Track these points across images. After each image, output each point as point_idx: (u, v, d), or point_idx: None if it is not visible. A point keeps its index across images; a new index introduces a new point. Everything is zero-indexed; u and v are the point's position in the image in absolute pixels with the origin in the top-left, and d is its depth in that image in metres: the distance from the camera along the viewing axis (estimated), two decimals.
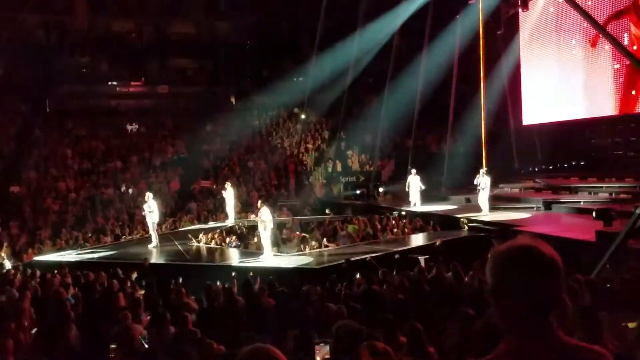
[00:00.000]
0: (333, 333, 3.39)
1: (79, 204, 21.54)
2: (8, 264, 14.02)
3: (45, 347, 6.82)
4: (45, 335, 7.29)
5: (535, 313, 1.48)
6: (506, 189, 20.76)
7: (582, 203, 16.07)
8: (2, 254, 15.20)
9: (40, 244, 17.37)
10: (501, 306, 1.52)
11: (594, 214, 12.57)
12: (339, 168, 25.28)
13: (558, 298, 1.51)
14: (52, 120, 28.50)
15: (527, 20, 22.61)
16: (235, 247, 15.21)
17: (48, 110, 30.62)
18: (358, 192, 22.99)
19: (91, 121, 28.71)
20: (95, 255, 14.36)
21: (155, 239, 15.39)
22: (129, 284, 9.76)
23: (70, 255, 14.78)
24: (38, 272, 11.47)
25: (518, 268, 1.49)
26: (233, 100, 33.05)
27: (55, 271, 11.57)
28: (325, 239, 15.23)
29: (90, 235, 18.50)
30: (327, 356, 4.43)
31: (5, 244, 16.83)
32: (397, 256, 12.12)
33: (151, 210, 15.35)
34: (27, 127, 27.46)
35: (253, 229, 16.06)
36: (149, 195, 15.68)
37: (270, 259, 12.75)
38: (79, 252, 15.56)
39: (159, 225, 16.80)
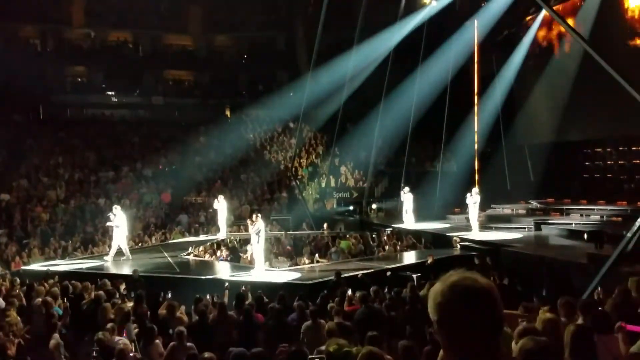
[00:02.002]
0: (325, 351, 3.34)
1: (69, 214, 21.38)
2: None
3: (32, 355, 6.73)
4: (31, 345, 7.19)
5: (481, 339, 1.56)
6: (498, 209, 20.83)
7: (573, 225, 16.14)
8: None
9: (29, 253, 17.17)
10: (449, 337, 1.59)
11: (585, 236, 12.62)
12: (332, 183, 25.28)
13: (500, 323, 1.60)
14: (45, 129, 28.37)
15: (523, 41, 22.89)
16: (226, 260, 15.11)
17: (42, 118, 30.51)
18: (351, 208, 22.98)
19: (84, 131, 28.63)
20: (84, 266, 14.18)
21: (126, 254, 14.73)
22: (117, 295, 9.64)
23: (59, 265, 14.60)
24: (26, 282, 11.33)
25: (456, 302, 1.57)
26: (228, 113, 33.09)
27: (43, 281, 11.42)
28: (317, 255, 15.19)
29: (79, 245, 18.33)
30: None
31: None
32: (388, 273, 12.07)
33: (117, 225, 14.39)
34: (20, 135, 27.31)
35: (245, 242, 15.97)
36: (116, 208, 14.77)
37: (261, 273, 12.66)
38: (68, 262, 15.37)
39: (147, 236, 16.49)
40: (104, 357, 6.12)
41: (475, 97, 21.53)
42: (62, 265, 14.63)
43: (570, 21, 18.34)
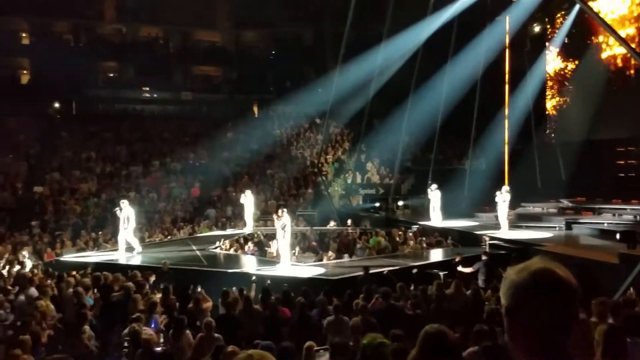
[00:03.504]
0: (361, 346, 3.34)
1: (100, 207, 21.81)
2: (29, 263, 14.20)
3: (63, 344, 6.89)
4: (62, 334, 7.37)
5: (551, 337, 1.48)
6: (528, 207, 20.49)
7: (605, 224, 15.77)
8: (24, 253, 15.42)
9: (60, 245, 17.58)
10: (516, 328, 1.52)
11: (617, 236, 12.32)
12: (358, 180, 25.23)
13: (574, 322, 1.51)
14: (78, 123, 28.99)
15: (555, 38, 22.46)
16: (252, 254, 15.23)
17: (74, 113, 31.18)
18: (377, 204, 22.90)
19: (116, 125, 29.15)
20: (115, 257, 14.46)
21: (128, 248, 14.67)
22: (147, 287, 9.81)
23: (90, 257, 14.92)
24: (57, 272, 11.61)
25: (537, 292, 1.49)
26: (255, 108, 33.30)
27: (74, 272, 11.68)
28: (344, 252, 15.17)
29: (110, 237, 18.68)
30: None
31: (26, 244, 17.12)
32: (415, 271, 11.98)
33: (126, 220, 14.33)
34: (53, 129, 27.98)
35: (271, 237, 16.06)
36: (124, 202, 14.75)
37: (287, 267, 12.72)
38: (99, 253, 15.69)
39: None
40: (134, 347, 6.24)
41: (506, 93, 21.19)
42: (94, 256, 14.94)
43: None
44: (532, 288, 1.50)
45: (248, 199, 18.47)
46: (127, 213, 14.54)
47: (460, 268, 11.65)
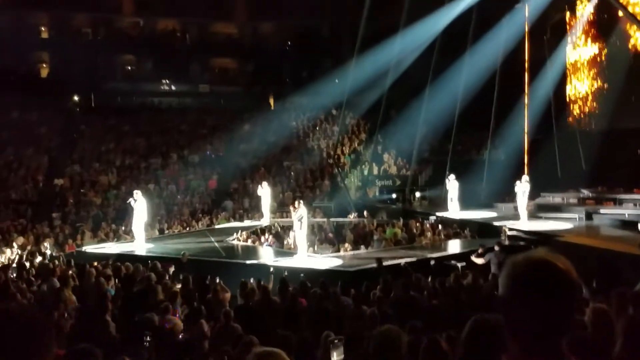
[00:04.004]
0: (375, 337, 3.33)
1: (120, 198, 22.08)
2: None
3: (85, 334, 7.00)
4: (84, 324, 7.49)
5: (544, 331, 1.43)
6: (548, 197, 20.24)
7: (627, 215, 15.53)
8: (45, 245, 15.70)
9: (81, 236, 17.86)
10: (509, 319, 1.48)
11: (639, 226, 12.16)
12: (374, 171, 25.15)
13: (570, 319, 1.47)
14: (97, 116, 29.30)
15: (575, 25, 22.07)
16: (270, 246, 15.31)
17: (93, 106, 31.51)
18: (393, 196, 22.81)
19: (134, 118, 29.42)
20: (134, 248, 14.65)
21: (141, 239, 15.01)
22: (167, 277, 9.92)
23: (110, 248, 15.14)
24: (79, 263, 11.80)
25: (532, 284, 1.45)
26: (272, 100, 33.32)
27: (96, 263, 11.87)
28: (361, 243, 15.17)
29: (130, 228, 18.92)
30: (342, 356, 4.47)
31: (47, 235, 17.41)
32: (432, 262, 11.93)
33: (139, 209, 14.78)
34: (73, 122, 28.33)
35: (288, 228, 16.13)
36: (137, 193, 15.18)
37: (304, 259, 12.77)
38: (119, 244, 15.91)
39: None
40: (155, 337, 6.31)
41: (526, 83, 20.90)
42: (114, 248, 15.16)
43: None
44: (528, 279, 1.46)
45: (265, 191, 18.55)
46: (140, 204, 14.73)
47: (473, 259, 11.60)
